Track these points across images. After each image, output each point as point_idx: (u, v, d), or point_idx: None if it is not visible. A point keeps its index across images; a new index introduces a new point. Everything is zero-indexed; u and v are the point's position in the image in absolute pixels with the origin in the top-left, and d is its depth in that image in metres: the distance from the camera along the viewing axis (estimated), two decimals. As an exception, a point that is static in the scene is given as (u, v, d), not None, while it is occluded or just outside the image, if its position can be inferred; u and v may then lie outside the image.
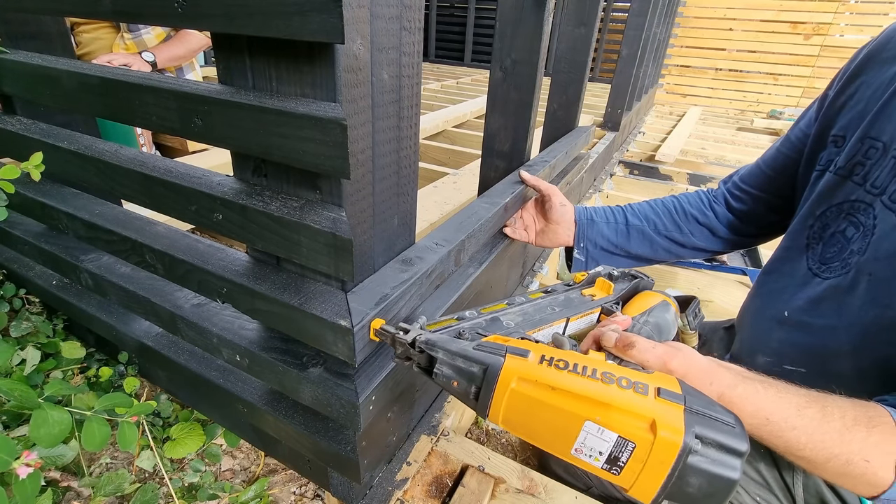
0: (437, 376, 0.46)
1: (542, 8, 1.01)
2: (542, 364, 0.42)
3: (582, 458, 0.41)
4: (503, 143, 1.17)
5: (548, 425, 0.41)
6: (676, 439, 0.37)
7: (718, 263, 1.72)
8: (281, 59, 0.47)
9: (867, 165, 0.60)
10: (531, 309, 0.62)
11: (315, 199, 0.53)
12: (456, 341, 0.46)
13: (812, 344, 0.64)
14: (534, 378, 0.41)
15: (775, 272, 0.74)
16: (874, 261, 0.57)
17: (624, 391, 0.40)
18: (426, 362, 0.47)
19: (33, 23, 0.83)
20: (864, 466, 0.44)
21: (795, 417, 0.46)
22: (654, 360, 0.46)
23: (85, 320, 0.90)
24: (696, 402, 0.40)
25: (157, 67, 1.72)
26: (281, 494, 0.85)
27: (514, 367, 0.42)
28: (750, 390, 0.47)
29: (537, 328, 0.59)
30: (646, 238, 0.90)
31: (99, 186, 0.71)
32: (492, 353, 0.43)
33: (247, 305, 0.60)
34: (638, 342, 0.46)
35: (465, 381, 0.44)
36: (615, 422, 0.39)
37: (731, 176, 0.89)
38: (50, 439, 0.60)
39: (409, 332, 0.49)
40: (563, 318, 0.61)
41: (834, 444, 0.45)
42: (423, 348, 0.47)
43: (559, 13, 4.06)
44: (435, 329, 0.53)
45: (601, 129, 2.62)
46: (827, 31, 4.81)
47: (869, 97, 0.62)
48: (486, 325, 0.56)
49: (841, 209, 0.63)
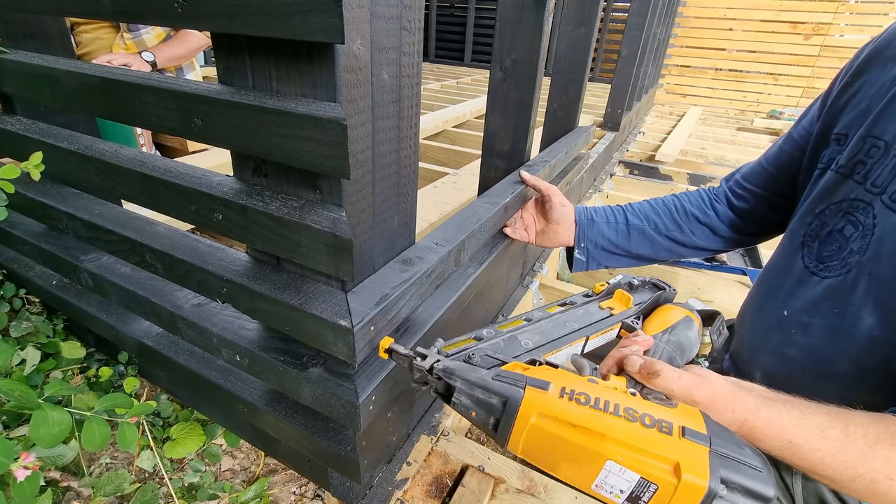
0: (455, 405, 0.44)
1: (542, 8, 1.01)
2: (562, 398, 0.41)
3: (602, 494, 0.40)
4: (503, 143, 1.17)
5: (568, 461, 0.40)
6: (701, 483, 0.36)
7: (718, 263, 1.72)
8: (281, 59, 0.47)
9: (868, 164, 0.59)
10: (549, 326, 0.60)
11: (315, 199, 0.53)
12: (475, 369, 0.45)
13: (812, 344, 0.64)
14: (554, 414, 0.40)
15: (773, 271, 0.74)
16: (875, 261, 0.57)
17: (647, 430, 0.38)
18: (444, 388, 0.46)
19: (33, 23, 0.83)
20: (888, 485, 0.44)
21: (819, 439, 0.45)
22: (680, 391, 0.45)
23: (85, 320, 0.90)
24: (722, 444, 0.38)
25: (157, 67, 1.72)
26: (281, 494, 0.85)
27: (535, 401, 0.41)
28: (773, 413, 0.46)
29: (556, 349, 0.57)
30: (646, 238, 0.89)
31: (99, 186, 0.71)
32: (511, 384, 0.42)
33: (247, 305, 0.60)
34: (663, 371, 0.45)
35: (484, 412, 0.43)
36: (638, 463, 0.38)
37: (733, 174, 0.89)
38: (50, 439, 0.60)
39: (426, 357, 0.48)
40: (581, 337, 0.60)
41: (858, 464, 0.45)
42: (440, 376, 0.46)
43: (559, 13, 4.06)
44: (452, 351, 0.51)
45: (601, 129, 2.62)
46: (827, 31, 4.81)
47: (872, 96, 0.62)
48: (504, 346, 0.55)
49: (840, 207, 0.62)
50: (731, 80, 5.34)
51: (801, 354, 0.65)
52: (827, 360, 0.62)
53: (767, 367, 0.71)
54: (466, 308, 0.85)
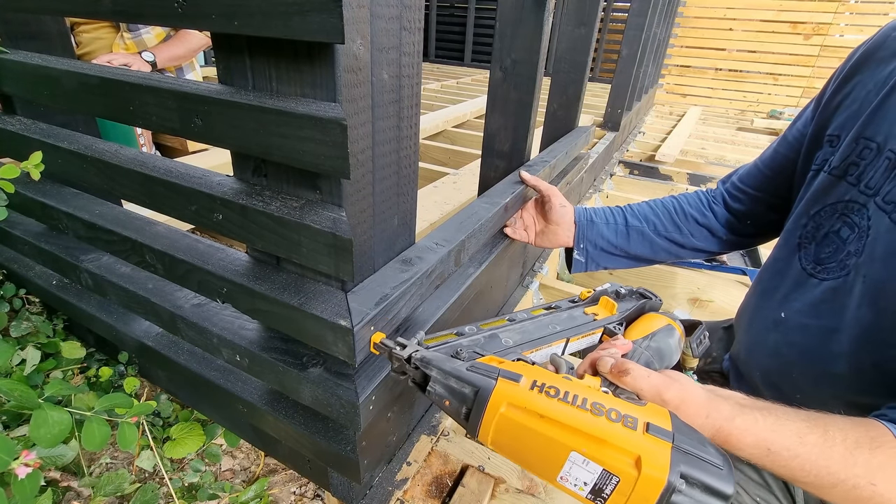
0: (429, 394, 0.46)
1: (542, 8, 1.01)
2: (532, 390, 0.42)
3: (567, 486, 0.41)
4: (503, 143, 1.17)
5: (535, 451, 0.41)
6: (661, 477, 0.37)
7: (718, 263, 1.72)
8: (281, 59, 0.47)
9: (861, 166, 0.59)
10: (531, 326, 0.61)
11: (315, 199, 0.53)
12: (450, 360, 0.47)
13: (810, 345, 0.64)
14: (523, 404, 0.41)
15: (770, 272, 0.74)
16: (869, 262, 0.57)
17: (612, 424, 0.39)
18: (421, 378, 0.47)
19: (33, 23, 0.83)
20: (871, 490, 0.44)
21: (798, 446, 0.45)
22: (649, 390, 0.45)
23: (85, 320, 0.90)
24: (685, 441, 0.39)
25: (157, 67, 1.72)
26: (281, 494, 0.85)
27: (505, 391, 0.42)
28: (749, 421, 0.46)
29: (536, 348, 0.58)
30: (645, 239, 0.90)
31: (99, 186, 0.71)
32: (484, 375, 0.43)
33: (247, 305, 0.60)
34: (633, 370, 0.46)
35: (457, 401, 0.44)
36: (600, 455, 0.39)
37: (730, 176, 0.89)
38: (50, 439, 0.60)
39: (405, 347, 0.49)
40: (562, 338, 0.60)
41: (838, 470, 0.44)
42: (417, 365, 0.47)
43: (559, 13, 4.06)
44: (432, 344, 0.53)
45: (601, 129, 2.62)
46: (827, 31, 4.81)
47: (864, 97, 0.62)
48: (484, 343, 0.56)
49: (835, 209, 0.62)
50: (731, 80, 5.34)
51: (800, 355, 0.65)
52: (825, 361, 0.62)
53: (766, 367, 0.71)
54: (466, 308, 0.85)
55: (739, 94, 5.31)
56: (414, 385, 0.48)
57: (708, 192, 0.90)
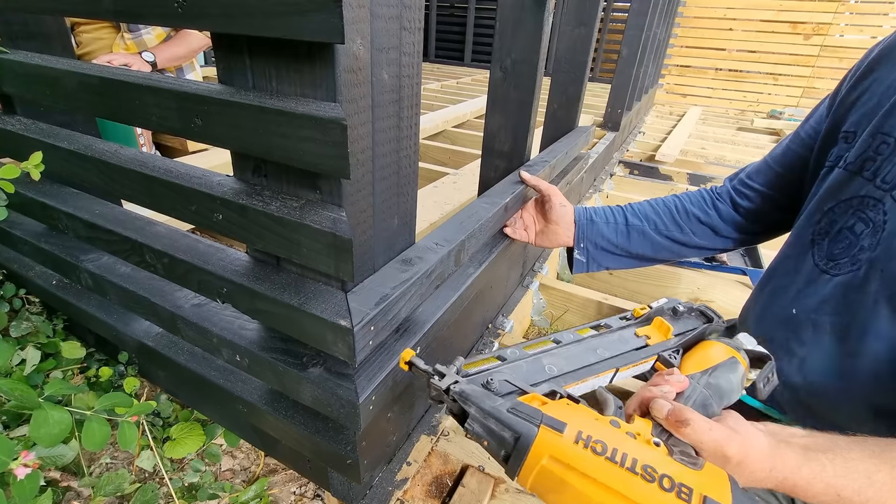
0: (468, 431, 0.43)
1: (542, 8, 1.01)
2: (577, 444, 0.39)
3: None
4: (503, 143, 1.17)
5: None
6: None
7: (718, 263, 1.72)
8: (281, 59, 0.47)
9: (878, 161, 0.60)
10: (578, 351, 0.56)
11: (315, 199, 0.53)
12: (490, 396, 0.44)
13: (822, 341, 0.64)
14: (567, 461, 0.38)
15: (780, 270, 0.73)
16: (886, 256, 0.57)
17: (665, 495, 0.36)
18: (459, 411, 0.45)
19: (33, 23, 0.83)
20: None
21: (867, 488, 0.45)
22: (710, 444, 0.42)
23: (85, 320, 0.90)
24: None
25: (157, 67, 1.72)
26: (281, 494, 0.85)
27: (548, 442, 0.39)
28: (816, 469, 0.45)
29: (581, 379, 0.53)
30: (646, 238, 0.89)
31: (99, 186, 0.71)
32: (526, 419, 0.40)
33: (247, 305, 0.60)
34: (693, 421, 0.42)
35: (496, 443, 0.41)
36: None
37: (738, 173, 0.89)
38: (50, 439, 0.60)
39: (444, 376, 0.46)
40: (611, 368, 0.55)
41: None
42: (455, 398, 0.44)
43: (559, 13, 4.06)
44: (472, 371, 0.49)
45: (601, 129, 2.62)
46: (827, 31, 4.81)
47: (882, 93, 0.62)
48: (526, 369, 0.52)
49: (850, 205, 0.62)
50: (731, 80, 5.34)
51: (810, 352, 0.65)
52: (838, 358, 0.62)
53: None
54: (466, 308, 0.85)
55: (739, 94, 5.31)
56: (452, 416, 0.46)
57: (712, 189, 0.90)
